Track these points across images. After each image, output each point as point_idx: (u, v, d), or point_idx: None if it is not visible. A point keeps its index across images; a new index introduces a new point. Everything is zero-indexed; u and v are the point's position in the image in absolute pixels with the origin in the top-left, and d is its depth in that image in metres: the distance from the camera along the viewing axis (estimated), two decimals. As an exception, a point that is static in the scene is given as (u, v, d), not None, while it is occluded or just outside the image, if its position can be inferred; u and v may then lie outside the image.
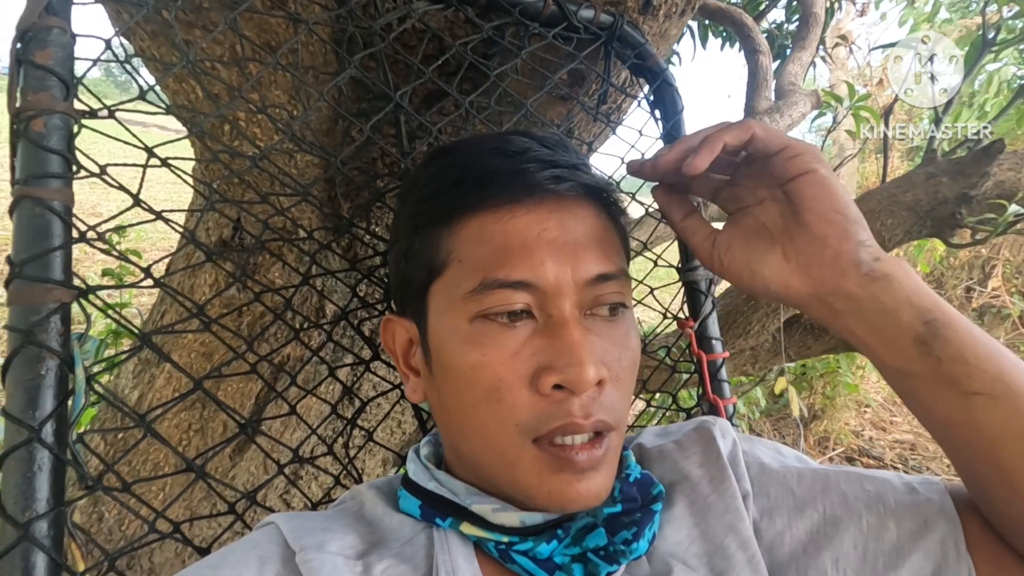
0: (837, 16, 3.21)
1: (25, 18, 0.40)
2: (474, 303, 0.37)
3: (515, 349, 0.37)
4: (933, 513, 0.39)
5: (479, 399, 0.37)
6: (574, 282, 0.38)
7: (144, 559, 0.85)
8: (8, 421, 0.36)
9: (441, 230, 0.40)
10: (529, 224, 0.38)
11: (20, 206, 0.38)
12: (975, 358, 0.36)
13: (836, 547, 0.39)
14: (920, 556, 0.38)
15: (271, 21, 0.58)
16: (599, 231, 0.41)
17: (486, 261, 0.38)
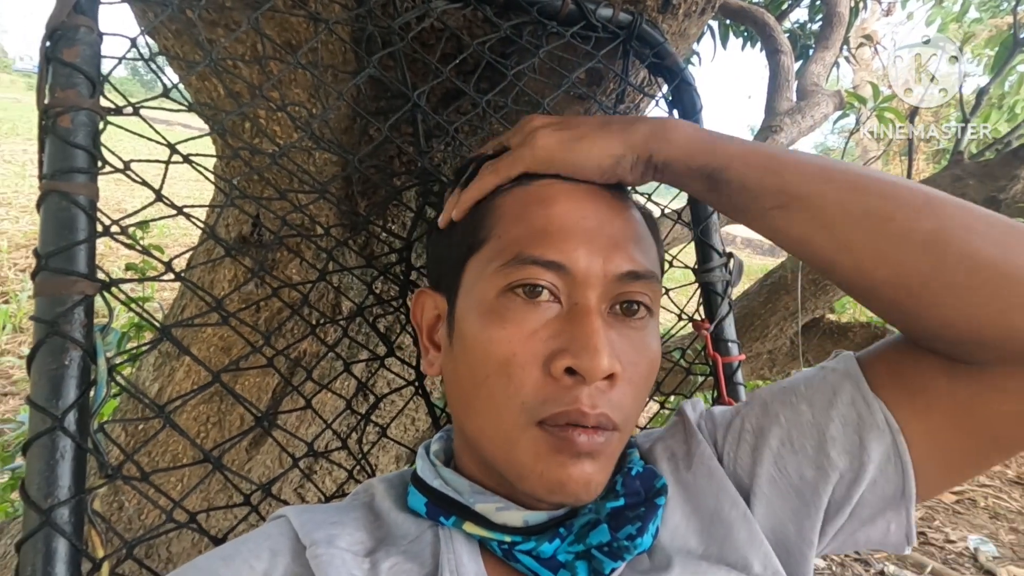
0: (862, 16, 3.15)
1: (54, 17, 0.41)
2: (503, 276, 0.38)
3: (534, 328, 0.37)
4: (838, 380, 0.42)
5: (490, 372, 0.38)
6: (603, 274, 0.38)
7: (162, 549, 0.87)
8: (32, 409, 0.37)
9: (484, 211, 0.42)
10: (570, 208, 0.40)
11: (47, 200, 0.39)
12: (756, 183, 0.41)
13: (769, 451, 0.42)
14: (837, 423, 0.41)
15: (292, 20, 0.59)
16: (636, 230, 0.41)
17: (524, 238, 0.39)
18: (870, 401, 0.40)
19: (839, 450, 0.40)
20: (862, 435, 0.40)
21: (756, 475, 0.42)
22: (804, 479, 0.41)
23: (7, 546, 1.03)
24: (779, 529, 0.42)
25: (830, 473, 0.40)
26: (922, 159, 4.24)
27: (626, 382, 0.38)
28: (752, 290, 1.29)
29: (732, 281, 0.68)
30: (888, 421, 0.39)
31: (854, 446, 0.40)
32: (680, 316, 0.70)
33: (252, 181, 0.71)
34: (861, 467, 0.40)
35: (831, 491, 0.41)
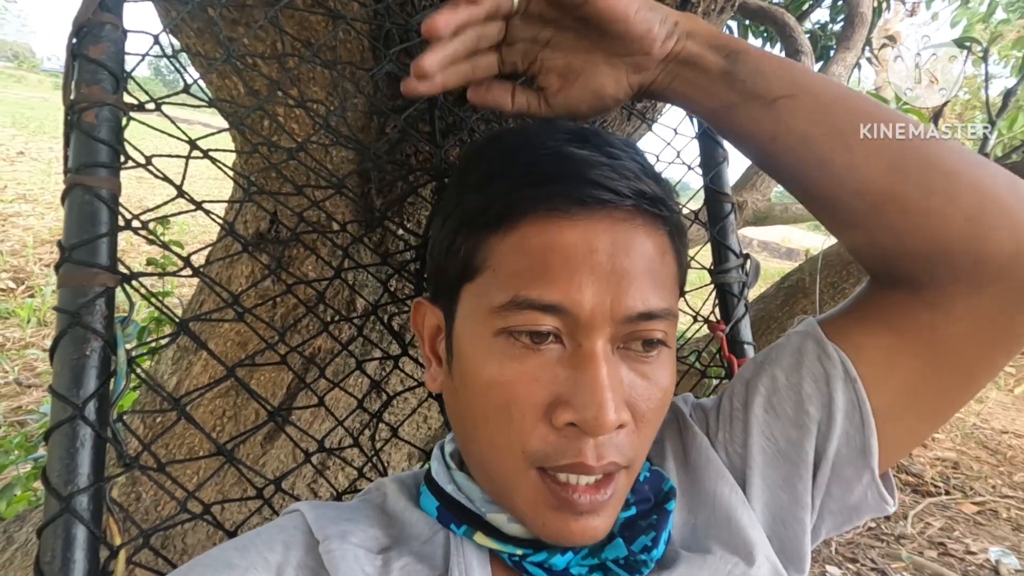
0: (885, 16, 3.10)
1: (81, 14, 0.42)
2: (501, 318, 0.35)
3: (535, 374, 0.35)
4: (801, 340, 0.43)
5: (490, 415, 0.36)
6: (611, 315, 0.34)
7: (178, 540, 0.88)
8: (54, 398, 0.37)
9: (483, 232, 0.37)
10: (575, 242, 0.34)
11: (71, 194, 0.40)
12: (770, 70, 0.41)
13: (756, 421, 0.43)
14: (809, 380, 0.42)
15: (311, 18, 0.59)
16: (655, 258, 0.36)
17: (521, 276, 0.35)
18: (830, 353, 0.42)
19: (816, 404, 0.42)
20: (830, 386, 0.41)
21: (749, 446, 0.43)
22: (790, 441, 0.42)
23: (29, 534, 1.05)
24: (772, 502, 0.43)
25: (810, 426, 0.42)
26: (946, 162, 4.15)
27: (638, 421, 0.36)
28: (769, 293, 1.28)
29: (749, 282, 0.67)
30: (847, 369, 0.41)
31: (825, 397, 0.41)
32: (695, 317, 0.70)
33: (270, 178, 0.72)
34: (831, 417, 0.41)
35: (814, 444, 0.42)
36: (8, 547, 1.07)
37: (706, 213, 0.71)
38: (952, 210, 0.37)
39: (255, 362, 0.64)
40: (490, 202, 0.37)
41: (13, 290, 3.38)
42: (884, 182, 0.39)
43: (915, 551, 2.11)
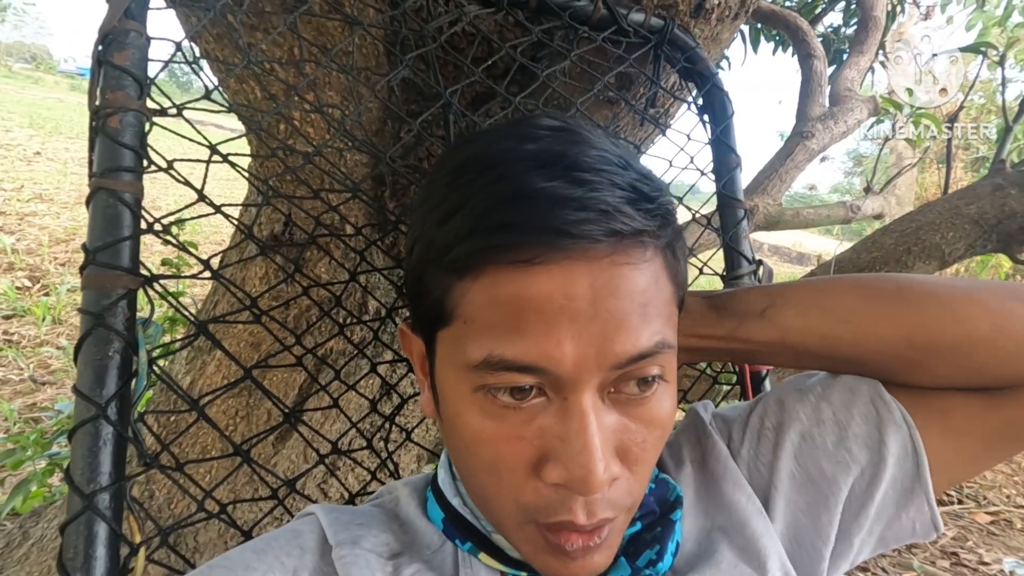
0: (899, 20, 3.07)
1: (107, 22, 0.43)
2: (477, 377, 0.32)
3: (519, 432, 0.32)
4: (855, 381, 0.44)
5: (481, 468, 0.34)
6: (598, 365, 0.31)
7: (190, 538, 0.89)
8: (78, 397, 0.38)
9: (450, 276, 0.33)
10: (551, 290, 0.30)
11: (96, 197, 0.41)
12: (742, 295, 0.46)
13: (790, 445, 0.43)
14: (858, 419, 0.42)
15: (328, 24, 0.60)
16: (645, 290, 0.32)
17: (495, 330, 0.31)
18: (887, 400, 0.42)
19: (860, 445, 0.42)
20: (881, 430, 0.41)
21: (776, 469, 0.43)
22: (823, 472, 0.42)
23: (44, 529, 1.07)
24: (794, 524, 0.42)
25: (850, 466, 0.42)
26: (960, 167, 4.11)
27: (631, 467, 0.34)
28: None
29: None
30: (905, 417, 0.41)
31: (873, 440, 0.41)
32: (707, 323, 0.70)
33: (286, 181, 0.73)
34: (881, 461, 0.41)
35: (851, 484, 0.42)
36: (24, 542, 1.08)
37: (719, 218, 0.71)
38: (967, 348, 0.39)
39: (270, 363, 0.65)
40: (452, 244, 0.32)
41: (29, 288, 3.42)
42: (898, 345, 0.41)
43: (927, 560, 2.08)
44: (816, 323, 0.43)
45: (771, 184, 2.06)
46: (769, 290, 0.45)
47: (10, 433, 1.77)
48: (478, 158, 0.34)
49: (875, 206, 2.35)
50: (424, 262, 0.35)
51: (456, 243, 0.32)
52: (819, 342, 0.43)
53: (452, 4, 0.61)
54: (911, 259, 1.10)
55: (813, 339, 0.43)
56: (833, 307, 0.43)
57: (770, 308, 0.44)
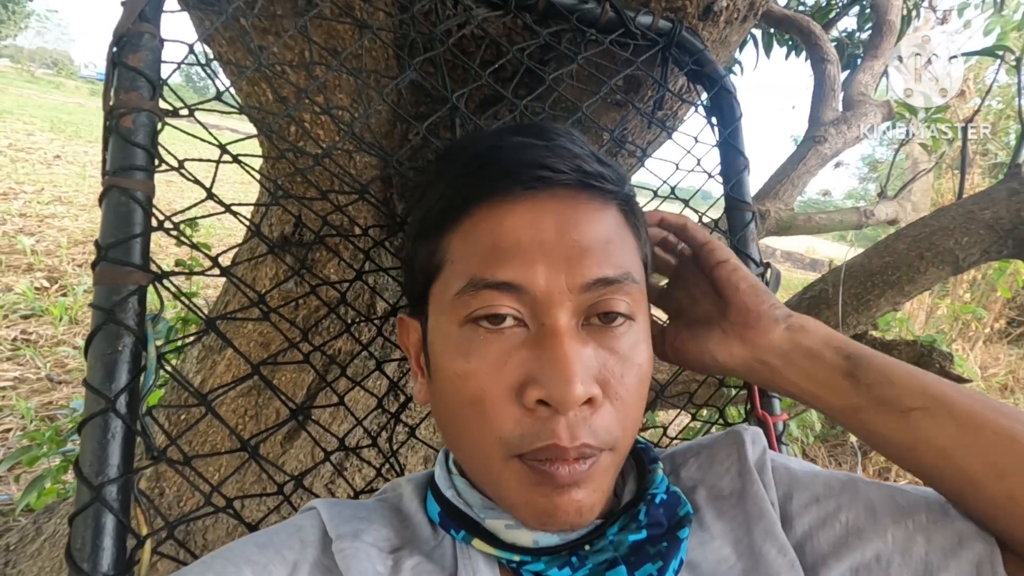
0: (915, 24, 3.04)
1: (121, 24, 0.44)
2: (462, 305, 0.36)
3: (501, 359, 0.35)
4: (969, 534, 0.37)
5: (465, 409, 0.36)
6: (568, 287, 0.35)
7: (199, 536, 0.90)
8: (88, 391, 0.39)
9: (437, 233, 0.39)
10: (523, 223, 0.36)
11: (108, 195, 0.42)
12: (899, 379, 0.40)
13: (858, 559, 0.38)
14: (952, 574, 0.36)
15: (338, 27, 0.61)
16: (606, 231, 0.37)
17: (475, 260, 0.36)
18: (999, 573, 0.36)
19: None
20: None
21: (828, 566, 0.39)
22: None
23: (57, 525, 1.08)
24: None
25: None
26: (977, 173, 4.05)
27: (612, 399, 0.36)
28: (791, 303, 1.26)
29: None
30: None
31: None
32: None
33: (296, 183, 0.74)
34: None
35: None
36: (37, 537, 1.10)
37: (726, 222, 0.70)
38: None
39: (279, 360, 0.66)
40: (438, 202, 0.39)
41: (47, 289, 3.49)
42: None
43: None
44: (966, 459, 0.36)
45: (783, 189, 2.04)
46: (930, 387, 0.38)
47: (27, 431, 1.80)
48: (458, 142, 0.42)
49: (889, 211, 2.32)
50: (416, 235, 0.40)
51: (443, 198, 0.38)
52: (954, 479, 0.37)
53: (460, 7, 0.61)
54: (924, 264, 1.09)
55: (949, 472, 0.37)
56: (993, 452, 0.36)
57: (920, 412, 0.38)
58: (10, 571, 1.05)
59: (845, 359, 0.41)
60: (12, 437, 2.09)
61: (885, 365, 0.40)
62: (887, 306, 1.16)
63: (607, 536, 0.39)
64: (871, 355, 0.41)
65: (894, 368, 0.40)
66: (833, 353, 0.42)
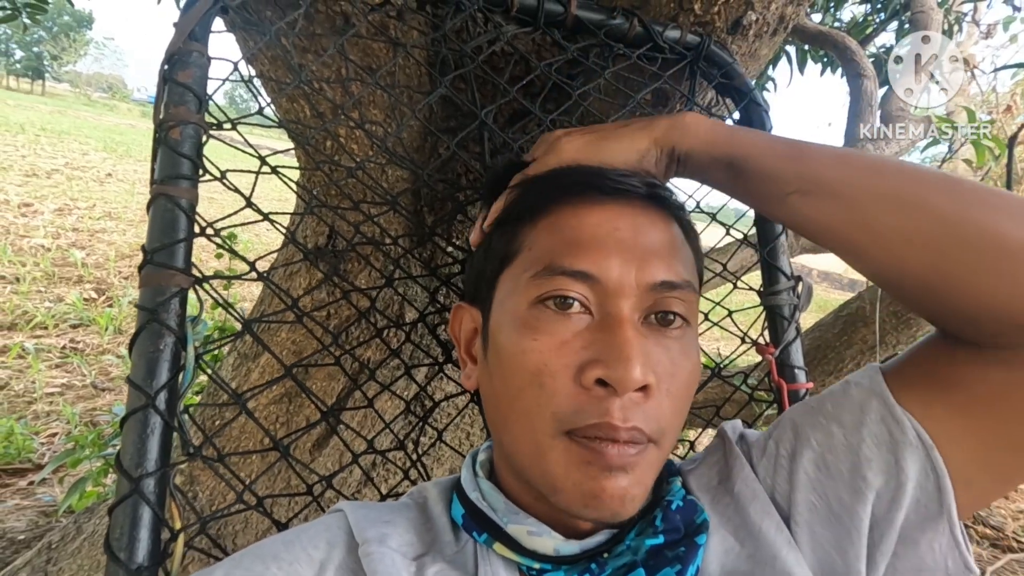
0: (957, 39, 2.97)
1: (173, 43, 0.47)
2: (535, 286, 0.38)
3: (566, 338, 0.37)
4: (864, 396, 0.40)
5: (524, 383, 0.37)
6: (636, 284, 0.37)
7: (228, 540, 0.92)
8: (130, 387, 0.41)
9: (519, 225, 0.42)
10: (601, 221, 0.39)
11: (156, 202, 0.44)
12: (776, 170, 0.42)
13: (806, 476, 0.41)
14: (869, 442, 0.39)
15: (373, 46, 0.63)
16: (671, 241, 0.41)
17: (555, 249, 0.39)
18: (899, 417, 0.38)
19: (875, 470, 0.39)
20: (896, 454, 0.38)
21: (794, 502, 0.41)
22: (842, 503, 0.39)
23: (96, 525, 1.12)
24: (825, 560, 0.40)
25: (867, 494, 0.39)
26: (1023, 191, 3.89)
27: (663, 394, 0.37)
28: (826, 321, 1.23)
29: (800, 305, 0.65)
30: (920, 436, 0.38)
31: (889, 465, 0.38)
32: (743, 339, 0.68)
33: (330, 194, 0.76)
34: (900, 486, 0.38)
35: (870, 512, 0.39)
36: (77, 536, 1.14)
37: (756, 235, 0.70)
38: (1008, 287, 0.34)
39: (311, 363, 0.67)
40: (531, 195, 0.43)
41: (95, 299, 3.65)
42: (925, 268, 0.37)
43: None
44: (844, 229, 0.39)
45: (818, 206, 2.00)
46: (802, 171, 0.41)
47: (71, 435, 1.87)
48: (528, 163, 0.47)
49: (931, 229, 2.25)
50: (495, 225, 0.44)
51: (531, 195, 0.43)
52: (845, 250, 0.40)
53: (491, 25, 0.63)
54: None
55: (838, 244, 0.40)
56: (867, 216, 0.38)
57: (796, 196, 0.40)
58: (51, 568, 1.09)
59: (726, 169, 0.44)
60: (57, 441, 2.18)
61: (762, 160, 0.42)
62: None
63: (625, 541, 0.39)
64: (748, 152, 0.43)
65: (770, 159, 0.42)
66: (716, 169, 0.45)
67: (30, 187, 6.07)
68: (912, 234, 0.36)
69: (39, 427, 2.25)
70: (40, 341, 2.94)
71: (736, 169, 0.43)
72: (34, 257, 4.07)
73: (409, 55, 0.63)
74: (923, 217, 0.36)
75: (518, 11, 0.60)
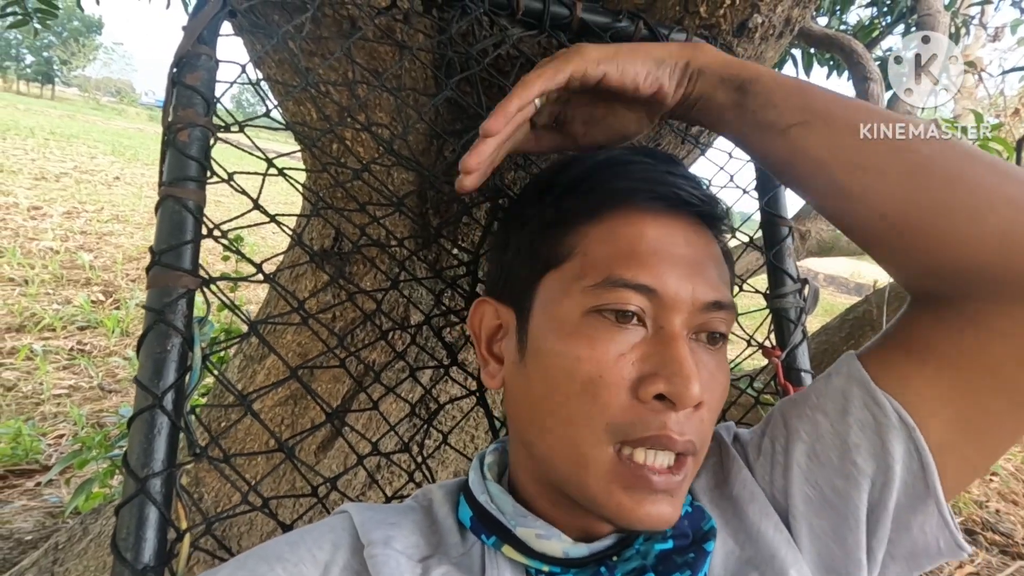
0: (964, 42, 2.95)
1: (182, 46, 0.47)
2: (593, 297, 0.37)
3: (622, 351, 0.37)
4: (845, 384, 0.41)
5: (574, 392, 0.37)
6: (691, 301, 0.38)
7: (233, 542, 0.92)
8: (138, 387, 0.41)
9: (568, 228, 0.41)
10: (660, 234, 0.39)
11: (164, 204, 0.45)
12: (782, 98, 0.41)
13: (799, 468, 0.41)
14: (856, 428, 0.40)
15: (380, 49, 0.64)
16: (718, 260, 0.41)
17: (613, 259, 0.38)
18: (880, 400, 0.39)
19: (864, 455, 0.39)
20: (882, 436, 0.39)
21: (791, 495, 0.42)
22: (836, 491, 0.40)
23: (103, 526, 1.13)
24: (825, 552, 0.40)
25: (860, 480, 0.40)
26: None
27: (707, 412, 0.38)
28: (833, 325, 1.22)
29: (807, 308, 0.65)
30: (901, 416, 0.39)
31: (877, 448, 0.39)
32: (749, 342, 0.68)
33: (336, 196, 0.77)
34: (888, 469, 0.39)
35: (865, 499, 0.40)
36: (84, 537, 1.15)
37: (762, 238, 0.69)
38: (980, 229, 0.36)
39: (317, 365, 0.67)
40: (582, 199, 0.41)
41: (102, 302, 3.67)
42: (902, 204, 0.38)
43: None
44: (834, 164, 0.39)
45: (824, 209, 1.99)
46: (807, 104, 0.41)
47: (77, 436, 1.88)
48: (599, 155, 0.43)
49: (939, 233, 2.23)
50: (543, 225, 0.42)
51: (589, 196, 0.41)
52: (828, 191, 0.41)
53: (496, 28, 0.63)
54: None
55: (823, 183, 0.41)
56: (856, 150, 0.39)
57: (798, 127, 0.40)
58: (58, 568, 1.09)
59: (736, 90, 0.43)
60: (64, 442, 2.19)
61: (771, 86, 0.42)
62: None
63: (634, 546, 0.39)
64: (759, 77, 0.43)
65: (780, 88, 0.42)
66: (725, 89, 0.43)
67: (39, 190, 6.12)
68: (900, 176, 0.38)
69: (46, 428, 2.26)
70: (48, 343, 2.96)
71: (744, 92, 0.43)
72: (43, 259, 4.11)
73: (415, 58, 0.63)
74: (913, 163, 0.37)
75: (524, 14, 0.60)
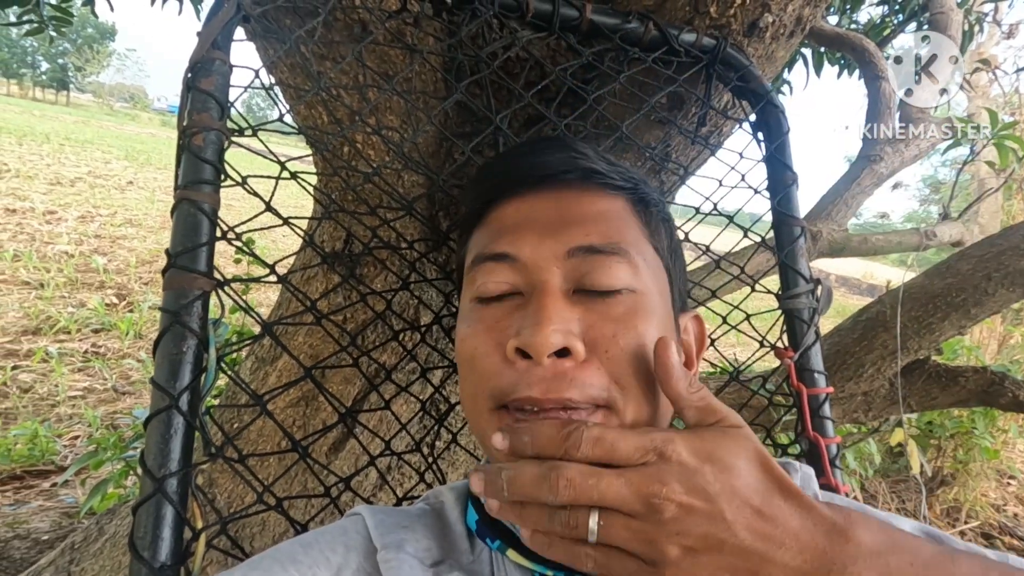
0: (978, 40, 2.92)
1: (196, 52, 0.48)
2: (470, 282, 0.41)
3: (495, 321, 0.39)
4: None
5: (465, 372, 0.40)
6: (554, 254, 0.39)
7: (247, 543, 0.93)
8: (154, 388, 0.41)
9: (467, 234, 0.46)
10: (522, 209, 0.42)
11: (179, 207, 0.45)
12: None
13: None
14: None
15: (390, 52, 0.64)
16: (602, 211, 0.41)
17: (482, 242, 0.42)
18: None
19: None
20: None
21: None
22: None
23: (118, 526, 1.14)
24: None
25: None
26: (1052, 193, 3.80)
27: (600, 358, 0.36)
28: (845, 326, 1.21)
29: (820, 309, 0.64)
30: None
31: None
32: (762, 343, 0.68)
33: (347, 199, 0.77)
34: None
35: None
36: (99, 538, 1.16)
37: (774, 238, 0.69)
38: None
39: (329, 365, 0.68)
40: (469, 210, 0.46)
41: (116, 305, 3.72)
42: None
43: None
44: None
45: (836, 209, 1.97)
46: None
47: (92, 437, 1.91)
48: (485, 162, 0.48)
49: (953, 233, 2.20)
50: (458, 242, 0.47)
51: (466, 211, 0.46)
52: None
53: (506, 30, 0.64)
54: (992, 286, 1.02)
55: None
56: None
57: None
58: (74, 568, 1.10)
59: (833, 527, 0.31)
60: (79, 443, 2.22)
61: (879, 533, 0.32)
62: (952, 330, 1.10)
63: None
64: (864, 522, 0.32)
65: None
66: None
67: (54, 195, 6.21)
68: None
69: (62, 430, 2.29)
70: (63, 345, 3.00)
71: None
72: (58, 263, 4.16)
73: (425, 61, 0.64)
74: None
75: (533, 16, 0.61)
